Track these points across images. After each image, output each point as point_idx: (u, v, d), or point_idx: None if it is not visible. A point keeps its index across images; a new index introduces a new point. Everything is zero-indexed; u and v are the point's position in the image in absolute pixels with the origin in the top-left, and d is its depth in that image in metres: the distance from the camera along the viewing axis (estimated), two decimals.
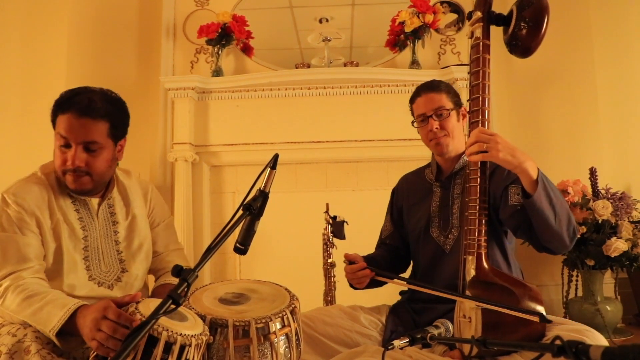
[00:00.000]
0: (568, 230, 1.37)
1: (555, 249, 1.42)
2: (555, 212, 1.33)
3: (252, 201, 1.13)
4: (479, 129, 1.35)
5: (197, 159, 2.99)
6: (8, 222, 1.32)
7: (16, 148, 3.12)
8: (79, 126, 1.35)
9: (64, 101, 1.37)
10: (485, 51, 1.40)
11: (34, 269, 1.31)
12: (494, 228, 1.54)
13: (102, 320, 1.07)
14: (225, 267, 3.06)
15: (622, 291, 2.80)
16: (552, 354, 0.72)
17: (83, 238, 1.43)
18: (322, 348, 1.53)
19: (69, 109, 1.35)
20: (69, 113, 1.35)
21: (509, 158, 1.30)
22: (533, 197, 1.30)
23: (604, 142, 3.06)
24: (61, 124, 1.36)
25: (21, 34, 3.24)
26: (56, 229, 1.39)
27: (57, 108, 1.38)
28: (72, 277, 1.39)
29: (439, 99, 1.65)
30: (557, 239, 1.37)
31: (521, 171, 1.32)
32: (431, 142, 1.66)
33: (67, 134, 1.36)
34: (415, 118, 1.70)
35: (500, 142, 1.30)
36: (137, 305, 1.09)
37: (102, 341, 1.06)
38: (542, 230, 1.36)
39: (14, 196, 1.35)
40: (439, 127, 1.63)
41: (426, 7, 2.96)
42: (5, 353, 1.13)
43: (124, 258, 1.51)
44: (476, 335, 1.27)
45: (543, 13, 1.34)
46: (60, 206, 1.41)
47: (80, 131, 1.36)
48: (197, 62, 3.18)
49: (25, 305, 1.21)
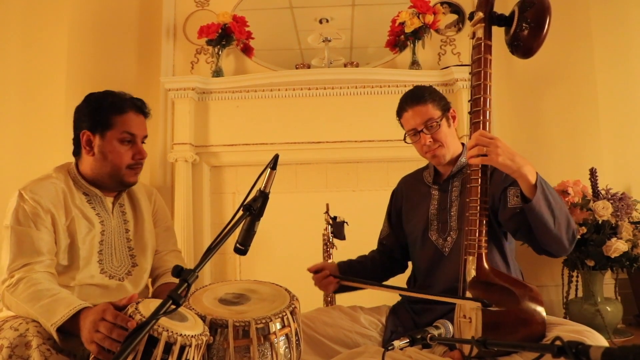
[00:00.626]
0: (567, 234, 1.38)
1: (554, 252, 1.42)
2: (554, 216, 1.33)
3: (253, 201, 1.13)
4: (479, 132, 1.35)
5: (197, 160, 2.99)
6: (24, 216, 1.37)
7: (16, 147, 3.12)
8: (139, 123, 1.53)
9: (119, 102, 1.49)
10: (486, 52, 1.40)
11: (46, 263, 1.35)
12: (493, 229, 1.54)
13: (99, 322, 1.09)
14: (226, 267, 3.06)
15: (622, 292, 2.80)
16: (552, 355, 0.72)
17: (101, 232, 1.51)
18: (322, 348, 1.53)
19: (128, 108, 1.50)
20: (130, 112, 1.50)
21: (508, 162, 1.30)
22: (532, 201, 1.31)
23: (604, 143, 3.06)
24: (126, 122, 1.49)
25: (21, 34, 3.24)
26: (71, 227, 1.44)
27: (111, 112, 1.47)
28: (85, 271, 1.44)
29: (426, 111, 1.63)
30: (556, 243, 1.37)
31: (519, 175, 1.32)
32: (427, 154, 1.67)
33: (135, 130, 1.51)
34: (406, 132, 1.70)
35: (500, 146, 1.30)
36: (138, 305, 1.09)
37: (99, 341, 1.07)
38: (541, 234, 1.37)
39: (31, 193, 1.39)
40: (432, 140, 1.63)
41: (426, 8, 2.96)
42: (7, 347, 1.15)
43: (135, 254, 1.58)
44: (476, 335, 1.27)
45: (545, 14, 1.33)
46: (76, 205, 1.48)
47: (142, 127, 1.54)
48: (198, 62, 3.18)
49: (34, 299, 1.24)
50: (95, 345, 1.08)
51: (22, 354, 1.15)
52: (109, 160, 1.47)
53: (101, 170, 1.49)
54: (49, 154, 2.97)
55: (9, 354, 1.14)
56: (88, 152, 1.48)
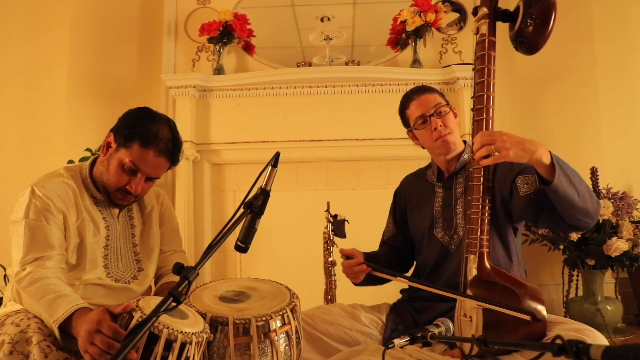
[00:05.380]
0: (593, 204, 1.35)
1: (584, 226, 1.39)
2: (577, 190, 1.30)
3: (253, 199, 1.13)
4: (481, 133, 1.33)
5: (198, 157, 2.99)
6: (36, 211, 1.36)
7: (18, 146, 3.12)
8: (155, 164, 1.45)
9: (150, 136, 1.42)
10: (490, 48, 1.37)
11: (57, 259, 1.35)
12: (501, 225, 1.53)
13: (95, 334, 1.05)
14: (226, 265, 3.06)
15: (623, 291, 2.80)
16: (553, 354, 0.72)
17: (106, 237, 1.50)
18: (322, 346, 1.52)
19: (150, 145, 1.42)
20: (150, 149, 1.42)
21: (520, 153, 1.25)
22: (554, 182, 1.26)
23: (605, 142, 3.06)
24: (137, 154, 1.42)
25: (23, 32, 3.24)
26: (81, 227, 1.44)
27: (138, 137, 1.42)
28: (91, 273, 1.44)
29: (434, 98, 1.64)
30: (585, 215, 1.34)
31: (535, 161, 1.27)
32: (437, 141, 1.62)
33: (144, 168, 1.44)
34: (413, 123, 1.66)
35: (507, 140, 1.26)
36: (138, 302, 1.09)
37: (94, 355, 1.05)
38: (568, 212, 1.33)
39: (44, 189, 1.39)
40: (442, 124, 1.62)
41: (428, 6, 2.96)
42: (8, 342, 1.15)
43: (140, 258, 1.58)
44: (477, 334, 1.27)
45: (550, 10, 1.31)
46: (86, 206, 1.47)
47: (154, 169, 1.46)
48: (199, 60, 3.18)
49: (39, 293, 1.24)
50: (90, 356, 1.05)
51: (23, 350, 1.15)
52: (107, 172, 1.46)
53: (102, 176, 1.48)
54: (50, 151, 2.98)
55: (10, 350, 1.14)
56: (104, 152, 1.48)
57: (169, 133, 1.46)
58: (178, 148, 1.50)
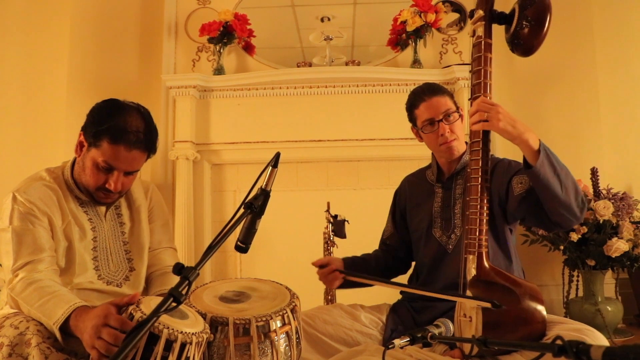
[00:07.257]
0: (577, 200, 1.35)
1: (565, 223, 1.39)
2: (560, 181, 1.31)
3: (254, 199, 1.12)
4: (481, 98, 1.35)
5: (198, 157, 2.99)
6: (20, 217, 1.34)
7: (18, 146, 3.12)
8: (129, 159, 1.38)
9: (115, 132, 1.35)
10: (487, 50, 1.39)
11: (48, 260, 1.33)
12: (498, 226, 1.54)
13: (103, 328, 1.05)
14: (226, 265, 3.06)
15: (623, 291, 2.80)
16: (553, 354, 0.72)
17: (93, 239, 1.47)
18: (322, 347, 1.53)
19: (120, 141, 1.35)
20: (120, 145, 1.36)
21: (509, 128, 1.30)
22: (535, 165, 1.28)
23: (605, 143, 3.06)
24: (108, 152, 1.36)
25: (23, 32, 3.24)
26: (67, 230, 1.41)
27: (105, 134, 1.36)
28: (82, 277, 1.41)
29: (445, 102, 1.63)
30: (566, 210, 1.34)
31: (521, 142, 1.31)
32: (441, 146, 1.63)
33: (115, 163, 1.38)
34: (420, 124, 1.66)
35: (502, 112, 1.30)
36: (138, 302, 1.09)
37: (101, 349, 1.04)
38: (549, 203, 1.34)
39: (25, 194, 1.36)
40: (450, 130, 1.61)
41: (428, 7, 2.95)
42: (7, 345, 1.14)
43: (132, 257, 1.54)
44: (477, 334, 1.27)
45: (545, 12, 1.33)
46: (70, 209, 1.44)
47: (129, 164, 1.40)
48: (199, 60, 3.18)
49: (34, 298, 1.22)
50: (97, 351, 1.05)
51: (22, 352, 1.14)
52: (84, 172, 1.41)
53: (80, 177, 1.44)
54: (50, 151, 2.98)
55: (9, 352, 1.13)
56: (78, 152, 1.44)
57: (139, 122, 1.40)
58: (152, 136, 1.43)
